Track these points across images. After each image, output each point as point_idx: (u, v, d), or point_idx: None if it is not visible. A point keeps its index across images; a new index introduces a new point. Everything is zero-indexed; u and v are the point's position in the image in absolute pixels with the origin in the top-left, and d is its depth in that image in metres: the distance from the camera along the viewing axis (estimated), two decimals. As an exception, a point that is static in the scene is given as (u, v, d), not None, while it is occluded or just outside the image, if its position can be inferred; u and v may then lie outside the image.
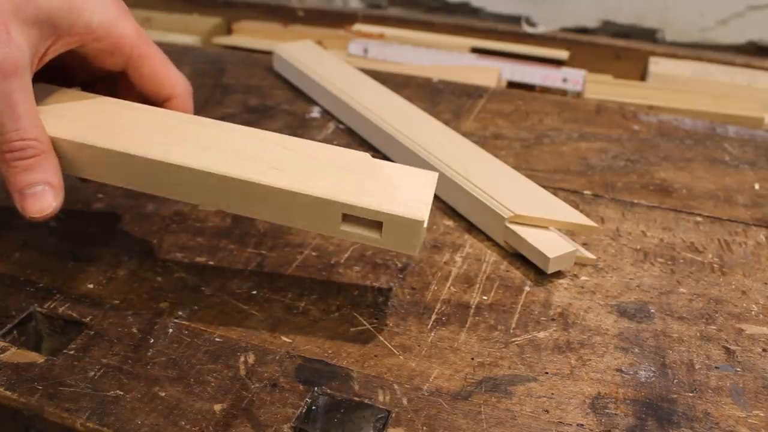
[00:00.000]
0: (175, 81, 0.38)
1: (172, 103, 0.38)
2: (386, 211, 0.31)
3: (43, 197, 0.33)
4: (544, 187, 0.45)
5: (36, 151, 0.32)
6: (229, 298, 0.36)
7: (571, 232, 0.41)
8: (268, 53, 0.66)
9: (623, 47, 0.85)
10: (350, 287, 0.37)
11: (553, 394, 0.31)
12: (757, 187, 0.48)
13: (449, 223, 0.43)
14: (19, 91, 0.31)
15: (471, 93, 0.62)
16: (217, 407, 0.30)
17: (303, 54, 0.63)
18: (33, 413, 0.30)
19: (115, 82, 0.40)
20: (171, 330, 0.34)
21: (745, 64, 0.82)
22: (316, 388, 0.31)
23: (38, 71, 0.34)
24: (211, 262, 0.39)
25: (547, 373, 0.32)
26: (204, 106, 0.40)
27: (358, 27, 0.91)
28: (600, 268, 0.40)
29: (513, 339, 0.34)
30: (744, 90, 0.76)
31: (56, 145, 0.34)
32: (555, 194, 0.45)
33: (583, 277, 0.39)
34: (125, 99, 0.39)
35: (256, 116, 0.56)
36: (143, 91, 0.38)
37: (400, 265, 0.39)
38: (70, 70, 0.39)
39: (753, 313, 0.37)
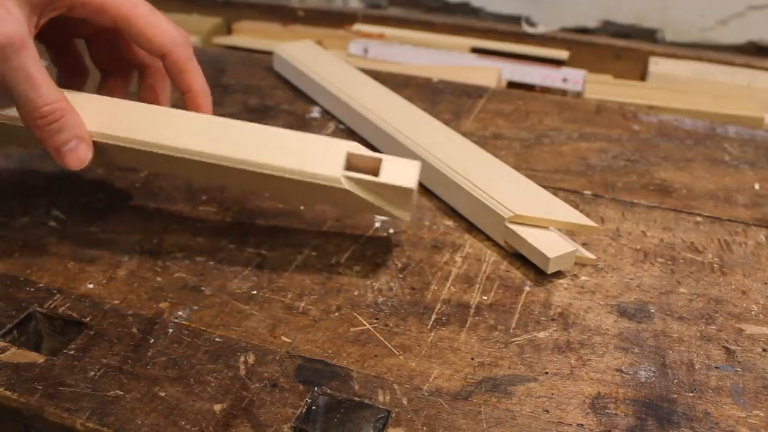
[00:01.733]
0: (163, 38, 0.38)
1: (167, 58, 0.39)
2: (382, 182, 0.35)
3: (78, 150, 0.36)
4: (544, 187, 0.45)
5: (62, 111, 0.35)
6: (229, 298, 0.36)
7: (571, 232, 0.41)
8: (268, 53, 0.66)
9: (623, 47, 0.85)
10: (350, 287, 0.37)
11: (553, 394, 0.31)
12: (757, 187, 0.48)
13: (449, 223, 0.43)
14: (32, 62, 0.34)
15: (471, 93, 0.62)
16: (217, 407, 0.30)
17: (303, 54, 0.63)
18: (33, 413, 0.30)
19: (114, 33, 0.41)
20: (171, 330, 0.34)
21: (745, 64, 0.82)
22: (316, 388, 0.31)
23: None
24: (211, 262, 0.39)
25: (547, 373, 0.32)
26: (204, 106, 0.41)
27: (358, 27, 0.91)
28: (600, 268, 0.40)
29: (513, 339, 0.34)
30: (744, 90, 0.76)
31: None
32: (555, 194, 0.45)
33: (583, 277, 0.39)
34: (127, 50, 0.41)
35: (256, 116, 0.56)
36: (139, 47, 0.39)
37: (400, 265, 0.39)
38: (68, 27, 0.41)
39: (753, 313, 0.37)
